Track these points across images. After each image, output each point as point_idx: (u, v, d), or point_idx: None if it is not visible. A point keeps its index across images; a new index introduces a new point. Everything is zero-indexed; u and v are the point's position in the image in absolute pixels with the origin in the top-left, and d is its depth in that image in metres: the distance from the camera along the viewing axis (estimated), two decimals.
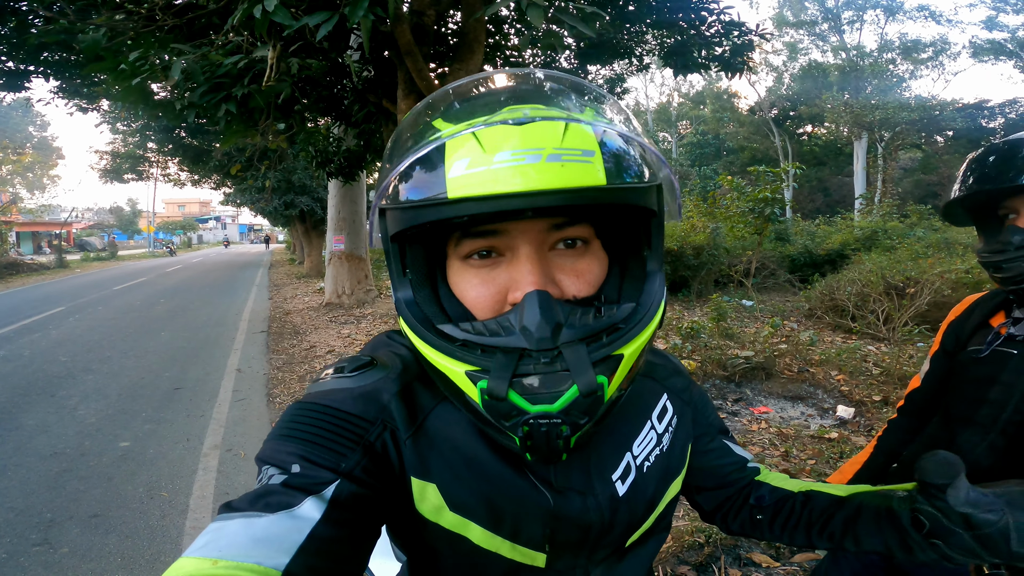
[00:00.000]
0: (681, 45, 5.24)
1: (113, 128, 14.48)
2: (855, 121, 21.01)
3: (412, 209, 0.49)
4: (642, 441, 0.68)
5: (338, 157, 6.54)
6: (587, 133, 0.47)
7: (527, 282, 0.51)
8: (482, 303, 0.54)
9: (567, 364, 0.48)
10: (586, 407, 0.49)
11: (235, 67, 3.11)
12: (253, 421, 4.35)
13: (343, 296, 9.93)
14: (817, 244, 11.24)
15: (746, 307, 7.73)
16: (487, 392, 0.48)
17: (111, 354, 6.58)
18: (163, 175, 19.15)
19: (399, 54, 3.91)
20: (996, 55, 20.06)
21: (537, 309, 0.48)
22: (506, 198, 0.45)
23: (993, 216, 1.00)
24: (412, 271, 0.56)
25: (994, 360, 1.02)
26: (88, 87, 6.73)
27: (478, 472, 0.58)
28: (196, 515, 2.93)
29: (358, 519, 0.51)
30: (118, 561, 2.55)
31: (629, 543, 0.68)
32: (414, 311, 0.55)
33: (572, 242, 0.55)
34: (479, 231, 0.53)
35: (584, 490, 0.62)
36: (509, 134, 0.46)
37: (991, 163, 0.93)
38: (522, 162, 0.44)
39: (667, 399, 0.73)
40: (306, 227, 17.53)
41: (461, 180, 0.45)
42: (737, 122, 29.29)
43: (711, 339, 5.59)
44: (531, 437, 0.49)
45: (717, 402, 4.36)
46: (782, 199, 8.59)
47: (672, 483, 0.71)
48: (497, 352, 0.49)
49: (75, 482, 3.30)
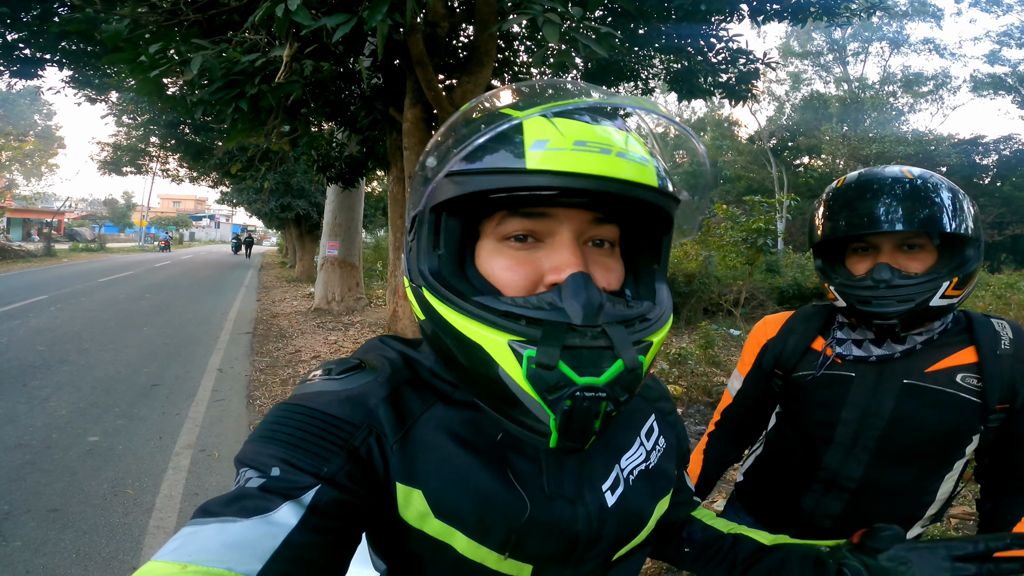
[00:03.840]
0: (687, 71, 5.33)
1: (118, 120, 14.45)
2: (852, 154, 21.33)
3: (489, 174, 0.51)
4: (631, 456, 0.69)
5: (339, 163, 6.55)
6: (642, 143, 0.55)
7: (571, 264, 0.53)
8: (516, 283, 0.55)
9: (611, 341, 0.50)
10: (628, 383, 0.51)
11: (251, 65, 3.13)
12: (230, 422, 4.25)
13: (333, 302, 9.85)
14: (807, 277, 11.28)
15: (733, 336, 7.74)
16: (536, 361, 0.48)
17: (89, 346, 6.45)
18: (162, 170, 19.10)
19: (410, 63, 3.95)
20: (996, 89, 20.46)
21: (583, 288, 0.51)
22: (583, 178, 0.49)
23: (843, 249, 1.11)
24: (443, 246, 0.56)
25: (834, 383, 1.12)
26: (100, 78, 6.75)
27: (466, 480, 0.57)
28: (161, 515, 2.83)
29: (338, 526, 0.50)
30: (72, 557, 2.45)
31: (616, 557, 0.67)
32: (443, 283, 0.55)
33: (601, 242, 0.58)
34: (528, 211, 0.54)
35: (574, 498, 0.62)
36: (583, 127, 0.51)
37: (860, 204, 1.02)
38: (597, 152, 0.49)
39: (655, 419, 0.76)
40: (300, 231, 17.47)
41: (542, 156, 0.49)
42: (736, 151, 29.53)
43: (698, 366, 5.65)
44: (571, 413, 0.50)
45: (701, 427, 4.34)
46: (775, 230, 8.65)
47: (661, 500, 0.71)
48: (544, 324, 0.50)
49: (37, 475, 3.19)
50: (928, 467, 1.08)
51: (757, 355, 1.28)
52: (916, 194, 0.98)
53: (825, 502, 1.14)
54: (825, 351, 1.15)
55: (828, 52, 24.88)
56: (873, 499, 1.10)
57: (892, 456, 1.08)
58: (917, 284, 0.98)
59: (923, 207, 0.97)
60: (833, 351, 1.14)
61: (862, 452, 1.09)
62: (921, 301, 0.98)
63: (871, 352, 1.09)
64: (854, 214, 1.02)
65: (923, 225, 0.97)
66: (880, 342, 1.09)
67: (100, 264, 19.99)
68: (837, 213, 1.06)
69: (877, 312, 1.01)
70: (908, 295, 0.98)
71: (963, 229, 0.97)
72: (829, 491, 1.14)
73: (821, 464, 1.13)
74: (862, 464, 1.09)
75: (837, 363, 1.13)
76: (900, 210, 0.98)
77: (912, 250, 1.01)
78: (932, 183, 1.00)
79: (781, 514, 1.23)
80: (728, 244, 8.92)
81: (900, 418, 1.05)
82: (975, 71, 22.13)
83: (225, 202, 22.28)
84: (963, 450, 1.07)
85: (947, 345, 1.06)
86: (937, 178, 1.02)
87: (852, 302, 1.04)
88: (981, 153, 22.17)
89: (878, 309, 1.00)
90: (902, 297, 0.98)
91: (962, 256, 0.99)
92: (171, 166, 18.42)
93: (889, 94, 22.96)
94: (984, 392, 1.02)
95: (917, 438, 1.05)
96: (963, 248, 1.00)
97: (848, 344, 1.12)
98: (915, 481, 1.09)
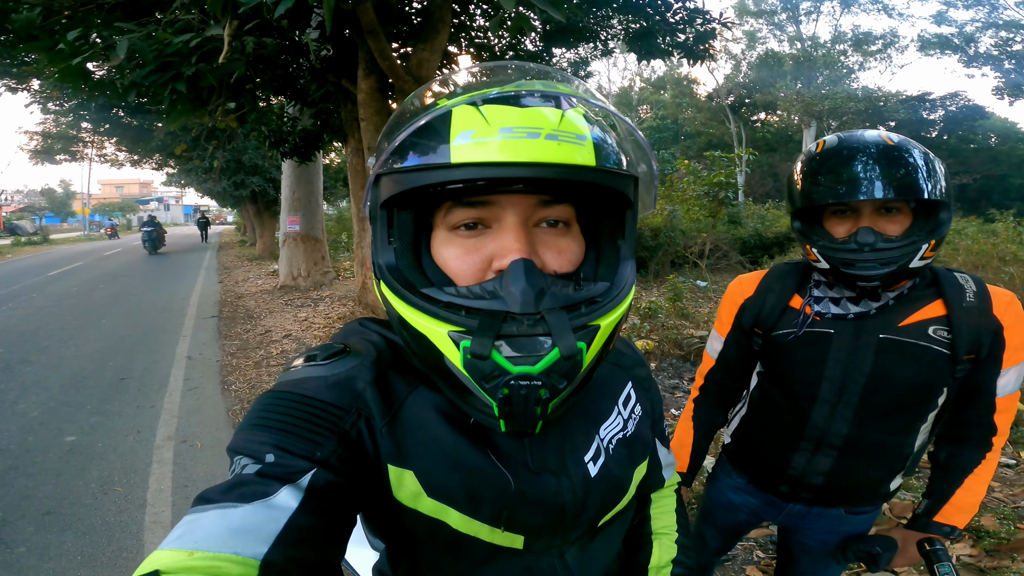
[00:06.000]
0: (646, 31, 5.29)
1: (44, 108, 13.44)
2: (806, 110, 21.87)
3: (416, 172, 0.51)
4: (609, 425, 0.71)
5: (293, 137, 6.34)
6: (580, 121, 0.52)
7: (513, 250, 0.52)
8: (466, 272, 0.55)
9: (549, 328, 0.49)
10: (566, 370, 0.51)
11: (186, 46, 2.96)
12: (208, 410, 4.21)
13: (299, 278, 9.68)
14: (767, 227, 11.65)
15: (700, 287, 7.96)
16: (470, 351, 0.49)
17: (49, 344, 6.21)
18: (99, 155, 17.99)
19: (361, 33, 3.80)
20: (943, 49, 20.86)
21: (523, 275, 0.51)
22: (508, 167, 0.48)
23: (821, 211, 1.12)
24: (398, 239, 0.57)
25: (815, 340, 1.15)
26: (18, 66, 6.25)
27: (454, 458, 0.59)
28: (155, 509, 2.83)
29: (335, 508, 0.51)
30: (78, 559, 2.46)
31: (601, 523, 0.70)
32: (396, 276, 0.55)
33: (555, 222, 0.57)
34: (471, 201, 0.54)
35: (558, 471, 0.64)
36: (511, 112, 0.49)
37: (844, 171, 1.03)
38: (523, 137, 0.48)
39: (631, 387, 0.77)
40: (258, 208, 16.88)
41: (466, 148, 0.48)
42: (695, 108, 29.88)
43: (668, 319, 5.74)
44: (510, 401, 0.50)
45: (674, 381, 4.50)
46: (735, 183, 8.85)
47: (638, 467, 0.74)
48: (481, 313, 0.50)
49: (23, 479, 3.14)
50: (907, 420, 1.13)
51: (736, 315, 1.29)
52: (898, 161, 1.00)
53: (815, 460, 1.18)
54: (804, 309, 1.17)
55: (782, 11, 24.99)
56: (859, 454, 1.15)
57: (874, 411, 1.11)
58: (899, 247, 1.01)
59: (904, 174, 0.99)
60: (812, 309, 1.16)
61: (846, 408, 1.12)
62: (903, 263, 1.01)
63: (849, 310, 1.12)
64: (838, 180, 1.03)
65: (905, 192, 0.99)
66: (858, 300, 1.12)
67: (46, 257, 18.96)
68: (820, 179, 1.07)
69: (861, 275, 1.03)
70: (890, 258, 1.01)
71: (939, 194, 0.99)
72: (819, 449, 1.17)
73: (808, 422, 1.16)
74: (847, 421, 1.13)
75: (816, 320, 1.15)
76: (883, 177, 0.99)
77: (890, 213, 1.04)
78: (910, 149, 1.02)
79: (772, 473, 1.27)
80: (691, 198, 9.08)
81: (879, 372, 1.09)
82: (922, 31, 22.59)
83: (172, 183, 21.27)
84: (935, 402, 1.12)
85: (917, 299, 1.10)
86: (913, 144, 1.03)
87: (836, 264, 1.06)
88: (928, 109, 23.09)
89: (862, 272, 1.03)
90: (884, 260, 1.01)
91: (936, 219, 1.03)
92: (108, 151, 17.37)
93: (840, 53, 23.36)
94: (953, 344, 1.05)
95: (896, 392, 1.09)
96: (937, 211, 1.03)
97: (826, 302, 1.15)
98: (895, 435, 1.14)
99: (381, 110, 4.57)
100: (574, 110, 0.54)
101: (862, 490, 1.21)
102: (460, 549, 0.62)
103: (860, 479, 1.19)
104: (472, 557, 0.63)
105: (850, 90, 21.81)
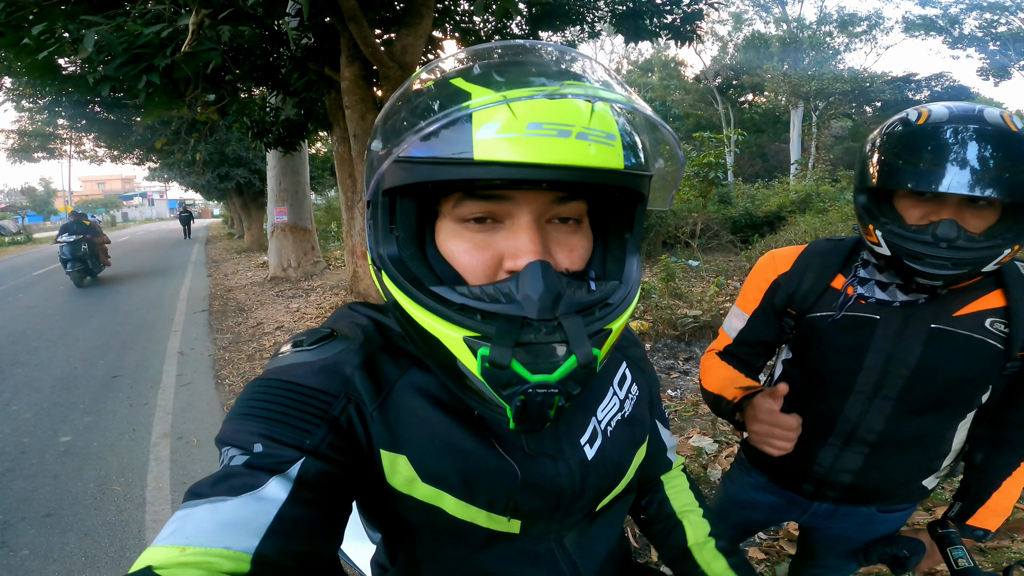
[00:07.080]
0: (633, 12, 5.24)
1: (18, 106, 13.10)
2: (792, 91, 21.96)
3: (433, 165, 0.47)
4: (605, 407, 0.70)
5: (276, 127, 6.24)
6: (609, 115, 0.50)
7: (529, 251, 0.50)
8: (476, 268, 0.52)
9: (566, 336, 0.48)
10: (581, 377, 0.50)
11: (157, 37, 2.89)
12: (202, 406, 4.19)
13: (289, 269, 9.63)
14: (756, 207, 11.69)
15: (692, 267, 8.00)
16: (489, 360, 0.47)
17: (38, 344, 6.14)
18: (78, 152, 17.59)
19: (342, 19, 3.73)
20: (927, 30, 20.90)
21: (540, 279, 0.48)
22: (537, 168, 0.45)
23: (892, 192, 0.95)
24: (400, 228, 0.54)
25: (856, 326, 1.02)
26: None
27: (447, 443, 0.58)
28: (155, 507, 2.83)
29: (327, 497, 0.50)
30: (82, 560, 2.45)
31: (599, 507, 0.70)
32: (401, 269, 0.53)
33: (566, 218, 0.55)
34: (484, 194, 0.51)
35: (555, 455, 0.63)
36: (541, 106, 0.45)
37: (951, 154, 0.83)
38: (553, 135, 0.45)
39: (626, 367, 0.76)
40: (244, 200, 16.68)
41: (491, 144, 0.45)
42: (683, 90, 29.81)
43: (661, 299, 5.77)
44: (526, 406, 0.50)
45: (669, 361, 4.53)
46: (725, 164, 8.88)
47: (639, 449, 0.73)
48: (499, 319, 0.48)
49: (21, 481, 3.12)
50: (947, 417, 1.03)
51: (766, 291, 1.15)
52: (1018, 155, 0.81)
53: (844, 456, 1.08)
54: (846, 290, 1.03)
55: None
56: (893, 451, 1.05)
57: (914, 405, 1.01)
58: (981, 249, 0.85)
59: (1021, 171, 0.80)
60: (855, 291, 1.02)
61: (884, 402, 1.02)
62: (977, 267, 0.86)
63: (896, 297, 0.99)
64: (940, 164, 0.82)
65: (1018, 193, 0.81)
66: (909, 290, 0.98)
67: (31, 256, 18.70)
68: (917, 158, 0.85)
69: (926, 272, 0.88)
70: (967, 259, 0.85)
71: None
72: (848, 444, 1.07)
73: (840, 416, 1.06)
74: (884, 415, 1.02)
75: (860, 304, 1.02)
76: (999, 171, 0.80)
77: (978, 205, 0.86)
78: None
79: (795, 470, 1.17)
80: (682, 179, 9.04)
81: (926, 365, 0.97)
82: (907, 12, 22.78)
83: (155, 178, 20.94)
84: (980, 398, 1.02)
85: (974, 288, 0.97)
86: None
87: (900, 254, 0.90)
88: (914, 89, 23.05)
89: (929, 269, 0.87)
90: (958, 260, 0.85)
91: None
92: (87, 147, 17.00)
93: (826, 34, 23.42)
94: (1009, 338, 0.94)
95: (940, 386, 0.98)
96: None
97: (871, 285, 1.02)
98: (932, 431, 1.04)
99: (366, 97, 4.51)
100: (600, 106, 0.50)
101: (895, 488, 1.12)
102: (457, 536, 0.61)
103: (893, 477, 1.10)
104: (469, 544, 0.63)
105: (836, 71, 21.88)
